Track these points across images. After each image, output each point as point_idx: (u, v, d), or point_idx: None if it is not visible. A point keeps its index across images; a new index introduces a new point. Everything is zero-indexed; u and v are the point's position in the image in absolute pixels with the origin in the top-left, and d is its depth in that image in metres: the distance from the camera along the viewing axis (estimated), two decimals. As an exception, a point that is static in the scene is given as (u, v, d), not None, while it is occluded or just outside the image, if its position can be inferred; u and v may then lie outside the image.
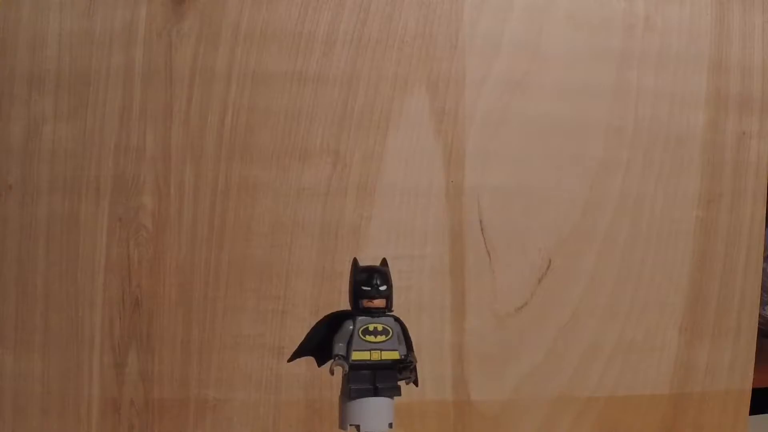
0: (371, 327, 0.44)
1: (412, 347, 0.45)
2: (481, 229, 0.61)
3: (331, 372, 0.43)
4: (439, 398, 0.61)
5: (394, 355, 0.44)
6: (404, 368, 0.44)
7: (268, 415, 0.60)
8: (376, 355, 0.44)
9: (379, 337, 0.44)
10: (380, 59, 0.59)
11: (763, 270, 0.66)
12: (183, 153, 0.58)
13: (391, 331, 0.44)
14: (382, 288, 0.44)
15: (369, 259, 0.46)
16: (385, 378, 0.44)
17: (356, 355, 0.44)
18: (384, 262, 0.46)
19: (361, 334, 0.44)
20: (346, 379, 0.44)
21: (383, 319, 0.44)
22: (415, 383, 0.45)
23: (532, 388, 0.62)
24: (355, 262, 0.45)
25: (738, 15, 0.63)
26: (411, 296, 0.60)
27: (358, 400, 0.43)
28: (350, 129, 0.59)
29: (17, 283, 0.58)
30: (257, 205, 0.59)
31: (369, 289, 0.44)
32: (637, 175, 0.62)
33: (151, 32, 0.58)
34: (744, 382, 0.65)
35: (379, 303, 0.44)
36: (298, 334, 0.59)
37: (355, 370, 0.44)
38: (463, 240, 0.61)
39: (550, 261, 0.62)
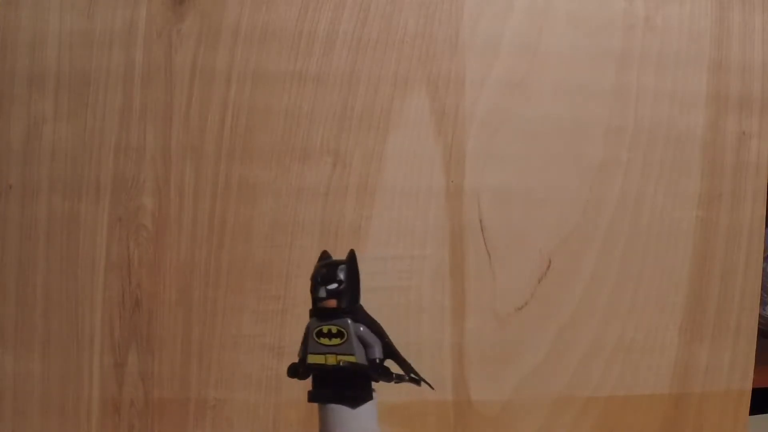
0: (324, 329, 0.41)
1: (390, 348, 0.41)
2: (482, 230, 0.61)
3: (288, 374, 0.41)
4: (439, 398, 0.61)
5: (351, 359, 0.40)
6: (379, 373, 0.41)
7: (268, 415, 0.60)
8: (332, 359, 0.41)
9: (333, 339, 0.41)
10: (380, 59, 0.59)
11: (763, 270, 0.66)
12: (183, 153, 0.58)
13: (345, 333, 0.40)
14: (330, 287, 0.40)
15: (370, 258, 0.45)
16: (348, 384, 0.41)
17: (312, 359, 0.41)
18: (350, 254, 0.42)
19: (315, 337, 0.41)
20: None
21: (336, 321, 0.41)
22: (415, 383, 0.42)
23: (533, 388, 0.62)
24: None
25: (738, 15, 0.63)
26: (411, 296, 0.60)
27: (323, 406, 0.40)
28: (350, 129, 0.59)
29: (17, 283, 0.58)
30: (257, 205, 0.59)
31: (314, 287, 0.40)
32: (637, 176, 0.62)
33: (151, 32, 0.58)
34: (744, 382, 0.65)
35: (329, 303, 0.40)
36: (298, 334, 0.59)
37: (315, 373, 0.41)
38: (464, 240, 0.61)
39: (550, 261, 0.62)
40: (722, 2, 0.63)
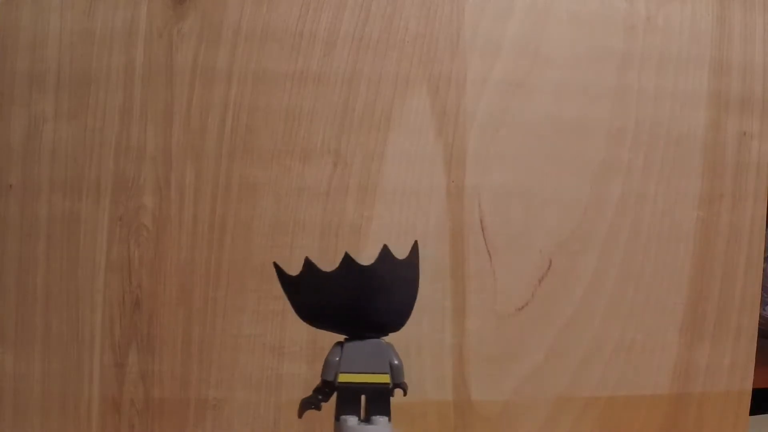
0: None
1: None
2: (482, 230, 0.61)
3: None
4: (439, 398, 0.61)
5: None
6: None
7: (268, 415, 0.60)
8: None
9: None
10: (381, 59, 0.59)
11: (764, 270, 0.66)
12: (183, 153, 0.58)
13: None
14: None
15: (370, 258, 0.45)
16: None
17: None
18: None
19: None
20: None
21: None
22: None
23: (533, 388, 0.62)
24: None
25: (739, 15, 0.63)
26: (411, 296, 0.60)
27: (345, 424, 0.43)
28: (351, 129, 0.59)
29: (17, 283, 0.58)
30: (258, 205, 0.59)
31: None
32: (638, 176, 0.62)
33: (152, 32, 0.58)
34: (744, 382, 0.65)
35: None
36: (298, 334, 0.59)
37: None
38: (464, 240, 0.61)
39: (550, 261, 0.62)
40: (723, 2, 0.63)
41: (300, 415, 0.42)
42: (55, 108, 0.58)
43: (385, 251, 0.42)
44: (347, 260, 0.42)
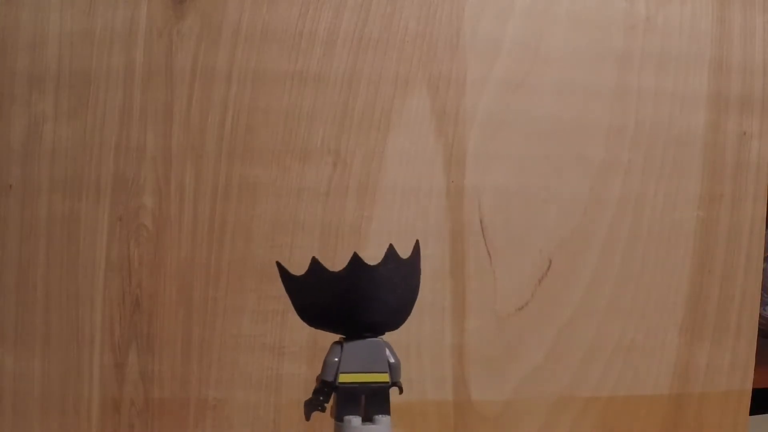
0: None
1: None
2: (482, 230, 0.61)
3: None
4: (439, 398, 0.61)
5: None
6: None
7: (268, 415, 0.60)
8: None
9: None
10: (381, 59, 0.59)
11: (763, 270, 0.66)
12: (183, 153, 0.58)
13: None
14: None
15: (370, 258, 0.45)
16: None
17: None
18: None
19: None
20: None
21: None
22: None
23: (533, 388, 0.62)
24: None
25: (739, 15, 0.63)
26: (411, 296, 0.60)
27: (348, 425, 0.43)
28: (351, 129, 0.59)
29: (17, 283, 0.58)
30: (257, 205, 0.59)
31: None
32: (638, 176, 0.62)
33: (152, 32, 0.58)
34: (744, 382, 0.65)
35: None
36: (298, 334, 0.59)
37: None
38: (464, 240, 0.61)
39: (550, 261, 0.62)
40: (723, 2, 0.63)
41: (308, 418, 0.42)
42: (55, 108, 0.58)
43: (391, 251, 0.42)
44: (355, 260, 0.41)
